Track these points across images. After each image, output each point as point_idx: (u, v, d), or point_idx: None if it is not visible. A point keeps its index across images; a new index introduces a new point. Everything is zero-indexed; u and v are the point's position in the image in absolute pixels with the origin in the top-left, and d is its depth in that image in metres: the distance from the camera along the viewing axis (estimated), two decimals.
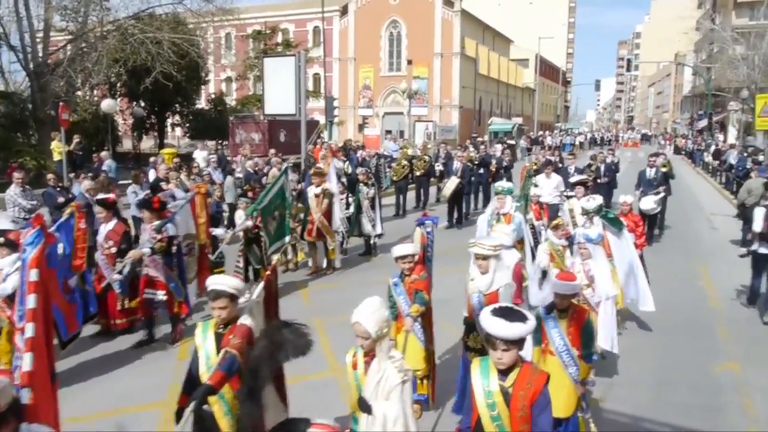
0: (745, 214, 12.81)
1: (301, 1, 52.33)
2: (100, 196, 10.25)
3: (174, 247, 7.52)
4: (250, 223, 8.86)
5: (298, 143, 19.25)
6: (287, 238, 9.61)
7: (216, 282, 3.95)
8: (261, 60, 23.76)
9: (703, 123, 46.34)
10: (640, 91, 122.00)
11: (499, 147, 33.81)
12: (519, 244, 7.43)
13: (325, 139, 22.08)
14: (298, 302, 9.26)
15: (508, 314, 3.11)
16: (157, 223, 7.35)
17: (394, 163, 18.22)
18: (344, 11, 52.22)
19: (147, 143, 36.80)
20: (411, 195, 17.92)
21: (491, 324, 3.08)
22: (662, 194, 13.14)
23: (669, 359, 7.06)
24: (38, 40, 21.93)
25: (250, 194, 10.41)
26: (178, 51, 21.82)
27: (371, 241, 11.96)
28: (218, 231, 9.31)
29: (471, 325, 5.02)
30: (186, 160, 17.64)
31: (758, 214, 8.90)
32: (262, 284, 3.81)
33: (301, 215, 10.86)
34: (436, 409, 5.52)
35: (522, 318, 3.11)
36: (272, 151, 17.35)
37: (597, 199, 7.56)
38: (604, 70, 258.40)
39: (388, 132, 30.97)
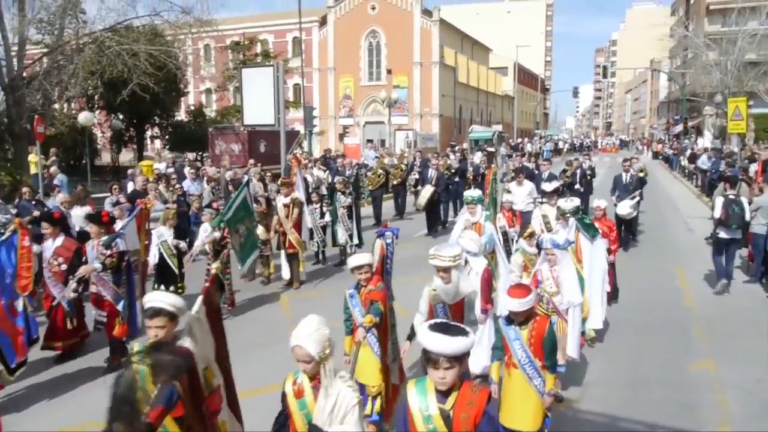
0: None
1: (280, 12, 52.48)
2: (75, 209, 10.25)
3: (124, 263, 7.18)
4: (217, 234, 8.72)
5: (279, 153, 19.24)
6: (257, 252, 9.53)
7: (153, 299, 3.61)
8: (240, 71, 23.73)
9: (679, 128, 47.06)
10: (618, 98, 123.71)
11: (479, 154, 34.12)
12: (491, 255, 7.21)
13: (305, 149, 22.05)
14: (278, 312, 9.25)
15: (448, 329, 2.87)
16: (105, 238, 7.07)
17: (370, 173, 18.03)
18: (323, 21, 52.42)
19: (126, 156, 36.54)
20: (390, 204, 17.94)
21: (431, 340, 2.82)
22: (638, 199, 13.19)
23: (644, 358, 7.14)
24: (13, 53, 21.68)
25: (214, 205, 10.17)
26: (156, 63, 21.70)
27: (347, 251, 11.62)
28: (182, 244, 8.90)
29: None
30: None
31: (718, 202, 10.04)
32: (201, 299, 3.37)
33: (278, 227, 10.59)
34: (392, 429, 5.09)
35: (463, 332, 2.88)
36: (251, 161, 17.31)
37: (575, 201, 7.57)
38: (582, 78, 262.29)
39: (369, 141, 31.02)
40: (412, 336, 4.90)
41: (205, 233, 8.92)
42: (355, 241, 11.77)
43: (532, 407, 4.34)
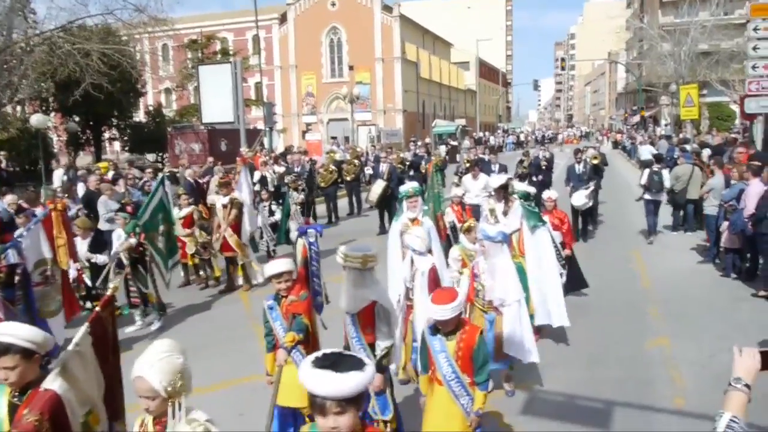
0: (674, 199, 13.35)
1: (240, 10, 51.81)
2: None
3: (17, 277, 6.38)
4: (133, 240, 7.97)
5: (239, 151, 18.98)
6: (179, 255, 9.13)
7: (2, 331, 2.83)
8: (197, 69, 23.37)
9: (637, 118, 48.13)
10: (578, 90, 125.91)
11: (443, 148, 34.27)
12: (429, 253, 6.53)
13: (266, 146, 21.84)
14: (239, 308, 9.13)
15: (338, 363, 2.13)
16: None
17: (321, 169, 17.22)
18: (283, 19, 51.96)
19: (85, 159, 35.62)
20: (345, 202, 17.69)
21: (314, 380, 2.10)
22: (592, 188, 12.97)
23: (601, 339, 7.26)
24: None
25: (128, 208, 9.41)
26: (109, 62, 21.21)
27: None
28: (100, 258, 8.16)
29: (347, 348, 4.34)
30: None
31: (645, 173, 12.98)
32: (85, 327, 2.85)
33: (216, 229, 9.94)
34: None
35: (356, 365, 2.14)
36: (210, 159, 17.05)
37: (531, 188, 7.35)
38: (543, 71, 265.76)
39: (333, 138, 30.88)
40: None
41: (119, 240, 8.10)
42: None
43: (456, 429, 3.86)
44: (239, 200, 9.88)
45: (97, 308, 2.99)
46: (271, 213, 11.33)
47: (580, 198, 12.32)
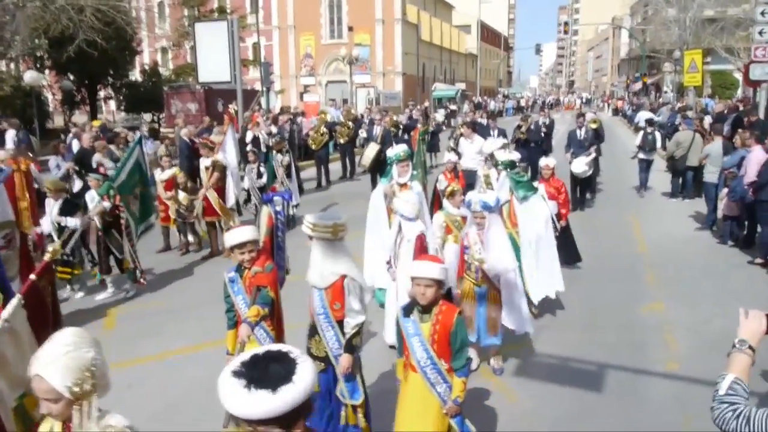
0: (674, 166, 13.26)
1: None
2: None
3: None
4: (107, 204, 7.52)
5: (237, 112, 18.75)
6: (153, 217, 8.68)
7: None
8: (193, 27, 22.90)
9: (639, 85, 47.59)
10: (580, 56, 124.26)
11: (441, 112, 33.94)
12: None
13: (263, 106, 21.56)
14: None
15: (261, 376, 1.64)
16: None
17: (312, 131, 16.44)
18: None
19: (80, 119, 35.19)
20: (337, 165, 17.19)
21: (229, 396, 1.64)
22: (593, 155, 12.61)
23: (597, 303, 7.26)
24: None
25: (101, 169, 8.96)
26: (104, 18, 20.76)
27: (288, 212, 10.95)
28: (70, 221, 7.50)
29: (312, 328, 4.02)
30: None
31: (639, 134, 14.41)
32: (17, 300, 2.58)
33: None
34: None
35: (280, 379, 1.63)
36: (206, 118, 16.82)
37: (514, 154, 6.89)
38: (545, 36, 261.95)
39: (332, 100, 30.49)
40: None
41: (93, 203, 7.74)
42: (295, 201, 11.12)
43: (432, 420, 3.53)
44: (222, 162, 9.43)
45: (32, 276, 2.67)
46: (259, 175, 10.94)
47: (580, 165, 11.88)
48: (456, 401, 3.49)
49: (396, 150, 6.82)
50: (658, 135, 14.34)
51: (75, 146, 12.55)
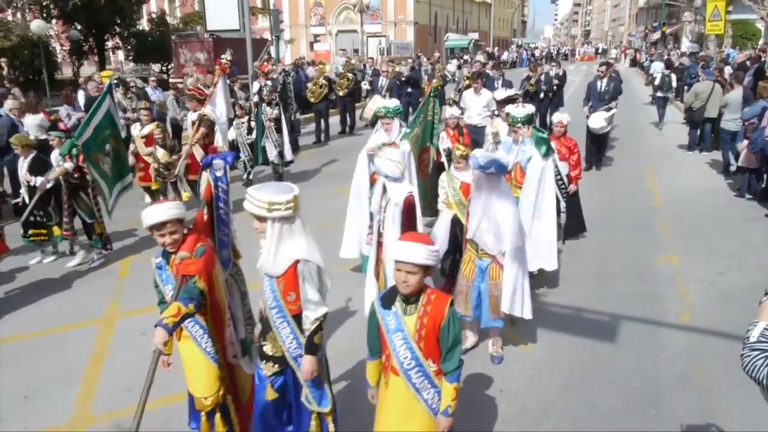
0: (692, 117, 12.97)
1: None
2: (28, 117, 9.71)
3: None
4: (69, 165, 6.77)
5: (246, 62, 18.44)
6: (130, 177, 7.95)
7: None
8: None
9: (657, 35, 46.31)
10: (597, 5, 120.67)
11: (454, 63, 33.30)
12: None
13: (272, 56, 21.18)
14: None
15: None
16: None
17: (310, 83, 15.27)
18: None
19: (89, 69, 34.90)
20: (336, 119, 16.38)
21: None
22: (614, 110, 11.77)
23: (611, 254, 7.21)
24: None
25: (60, 125, 8.02)
26: None
27: (279, 170, 10.53)
28: (39, 181, 6.87)
29: (264, 323, 3.34)
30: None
31: (658, 76, 17.03)
32: None
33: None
34: None
35: None
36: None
37: (529, 107, 6.07)
38: None
39: (342, 50, 29.92)
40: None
41: (56, 163, 6.98)
42: (288, 157, 10.56)
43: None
44: (209, 117, 8.43)
45: None
46: (249, 131, 10.38)
47: (599, 120, 10.91)
48: (446, 413, 2.90)
49: (379, 104, 6.15)
50: (673, 76, 16.87)
51: (80, 98, 12.37)
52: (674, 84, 16.78)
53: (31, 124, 9.24)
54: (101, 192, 7.12)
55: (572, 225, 7.17)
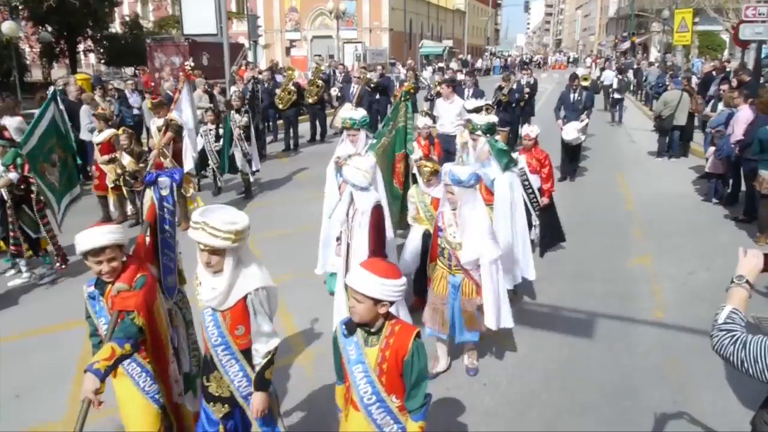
0: (661, 125, 13.39)
1: None
2: (6, 119, 9.61)
3: None
4: (14, 175, 6.38)
5: (222, 66, 18.43)
6: (78, 188, 7.36)
7: None
8: None
9: (627, 45, 47.40)
10: (568, 14, 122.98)
11: (430, 69, 33.60)
12: None
13: (250, 61, 21.20)
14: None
15: None
16: None
17: (278, 90, 14.89)
18: None
19: (59, 72, 34.39)
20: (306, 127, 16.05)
21: None
22: (587, 121, 11.81)
23: (586, 256, 7.46)
24: None
25: (5, 134, 7.35)
26: None
27: (248, 179, 10.36)
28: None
29: (207, 362, 3.10)
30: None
31: (615, 80, 19.01)
32: None
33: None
34: None
35: None
36: (196, 72, 16.50)
37: (492, 117, 6.00)
38: None
39: (318, 56, 30.01)
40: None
41: None
42: (254, 167, 10.39)
43: None
44: (176, 122, 8.21)
45: None
46: (217, 138, 10.10)
47: (572, 131, 10.87)
48: None
49: (345, 114, 5.89)
50: (630, 77, 19.99)
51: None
52: (631, 87, 18.69)
53: (12, 126, 9.12)
54: (49, 204, 6.62)
55: (548, 238, 7.07)
